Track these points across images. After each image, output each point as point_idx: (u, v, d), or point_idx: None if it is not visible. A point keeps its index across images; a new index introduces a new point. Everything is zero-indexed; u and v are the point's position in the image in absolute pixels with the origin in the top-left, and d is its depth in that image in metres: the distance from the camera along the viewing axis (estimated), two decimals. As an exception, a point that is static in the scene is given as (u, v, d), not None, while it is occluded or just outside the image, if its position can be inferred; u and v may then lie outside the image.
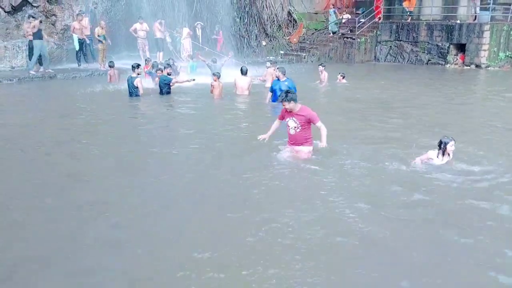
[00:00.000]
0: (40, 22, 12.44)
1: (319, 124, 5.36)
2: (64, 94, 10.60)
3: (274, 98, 8.36)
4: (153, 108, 9.11)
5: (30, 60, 12.52)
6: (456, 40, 17.54)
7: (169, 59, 12.86)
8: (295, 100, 5.32)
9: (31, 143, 6.32)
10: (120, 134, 6.97)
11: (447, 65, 17.70)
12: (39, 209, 4.11)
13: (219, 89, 9.71)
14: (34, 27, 12.06)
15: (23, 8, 13.71)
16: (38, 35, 12.18)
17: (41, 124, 7.43)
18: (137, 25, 14.89)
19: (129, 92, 9.78)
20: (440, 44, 18.01)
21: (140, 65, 10.22)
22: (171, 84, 10.08)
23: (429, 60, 18.38)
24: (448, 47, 17.82)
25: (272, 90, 8.61)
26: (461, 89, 12.20)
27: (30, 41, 12.30)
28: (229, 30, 18.00)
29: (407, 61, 18.96)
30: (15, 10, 13.56)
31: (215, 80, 9.72)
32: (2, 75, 12.13)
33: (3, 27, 13.29)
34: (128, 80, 9.84)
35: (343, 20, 19.43)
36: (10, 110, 8.77)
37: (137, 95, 9.72)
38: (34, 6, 13.83)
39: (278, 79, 8.55)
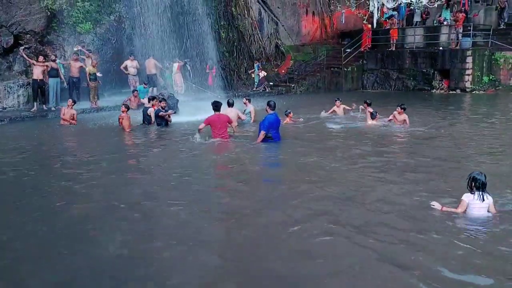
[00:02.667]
0: (54, 61, 13.34)
1: None
2: (52, 133, 10.61)
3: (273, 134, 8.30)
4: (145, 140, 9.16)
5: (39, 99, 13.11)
6: (440, 66, 18.06)
7: (169, 94, 13.07)
8: None
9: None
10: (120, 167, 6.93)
11: (433, 91, 18.13)
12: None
13: (128, 121, 9.97)
14: (48, 67, 12.95)
15: (14, 49, 13.89)
16: (52, 74, 13.14)
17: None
18: (127, 62, 15.13)
19: (143, 120, 10.82)
20: (425, 70, 18.52)
21: (155, 98, 11.07)
22: (161, 115, 10.37)
23: (415, 86, 18.83)
24: (433, 73, 18.32)
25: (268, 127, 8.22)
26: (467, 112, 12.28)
27: (35, 80, 12.79)
28: (218, 64, 18.34)
29: (394, 88, 19.39)
30: (6, 52, 13.72)
31: (123, 111, 9.92)
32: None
33: (-5, 68, 13.40)
34: (143, 110, 10.99)
35: (260, 77, 18.53)
36: None
37: (149, 123, 10.68)
38: (26, 48, 14.02)
39: (270, 114, 8.29)
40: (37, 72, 12.82)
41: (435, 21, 19.89)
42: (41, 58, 13.02)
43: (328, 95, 18.05)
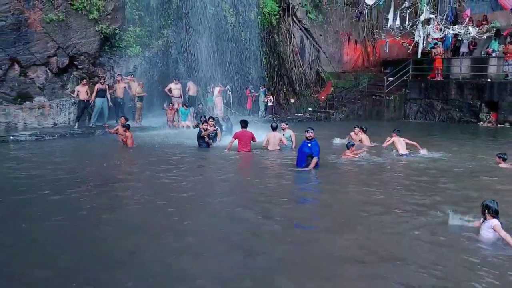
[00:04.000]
0: (102, 83, 14.19)
1: None
2: (100, 149, 11.07)
3: (296, 161, 8.40)
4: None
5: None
6: (487, 98, 17.46)
7: (225, 116, 13.48)
8: None
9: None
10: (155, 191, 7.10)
11: (480, 123, 17.48)
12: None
13: (131, 139, 10.83)
14: (97, 89, 13.89)
15: (69, 69, 14.74)
16: (100, 94, 14.01)
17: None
18: (172, 85, 15.67)
19: (198, 144, 10.84)
20: (471, 102, 17.94)
21: (207, 120, 11.15)
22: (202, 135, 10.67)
23: (460, 118, 18.24)
24: (480, 105, 17.71)
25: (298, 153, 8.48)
26: None
27: (81, 100, 13.78)
28: (260, 89, 18.61)
29: (438, 119, 18.86)
30: (61, 71, 14.57)
31: (125, 131, 10.79)
32: (45, 132, 12.81)
33: (50, 87, 14.23)
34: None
35: (268, 104, 18.01)
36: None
37: (207, 145, 10.75)
38: (79, 68, 14.84)
39: (305, 140, 8.41)
40: (83, 93, 13.80)
41: (482, 52, 19.36)
42: (84, 81, 14.02)
43: (369, 123, 17.80)
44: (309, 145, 8.24)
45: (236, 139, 10.05)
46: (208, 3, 16.96)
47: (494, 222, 4.58)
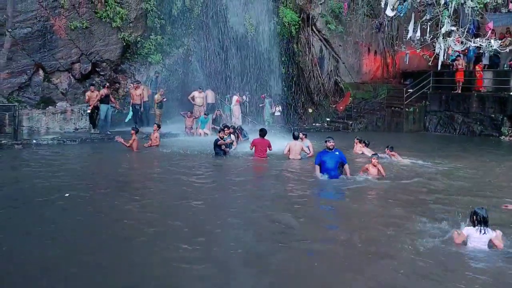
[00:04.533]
0: (106, 88, 14.00)
1: None
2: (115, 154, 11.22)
3: (324, 170, 8.21)
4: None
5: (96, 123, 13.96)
6: (510, 111, 17.09)
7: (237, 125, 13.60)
8: None
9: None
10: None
11: (502, 137, 17.11)
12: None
13: (137, 143, 11.21)
14: (102, 95, 13.65)
15: (91, 76, 15.04)
16: (104, 100, 13.74)
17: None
18: (195, 93, 15.84)
19: (215, 152, 10.74)
20: (493, 115, 17.59)
21: (224, 128, 11.30)
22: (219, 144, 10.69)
23: (481, 131, 17.88)
24: (502, 119, 17.35)
25: (321, 161, 8.29)
26: None
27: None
28: (276, 98, 18.63)
29: (459, 132, 18.54)
30: (84, 77, 14.88)
31: (132, 134, 11.15)
32: (66, 136, 13.06)
33: (72, 92, 14.54)
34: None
35: (275, 114, 17.85)
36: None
37: (224, 153, 10.71)
38: (101, 75, 15.13)
39: (326, 150, 8.37)
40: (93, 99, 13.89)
41: (505, 65, 19.02)
42: (92, 88, 13.92)
43: (388, 135, 17.65)
44: (337, 153, 8.25)
45: (254, 146, 10.59)
46: (228, 13, 17.15)
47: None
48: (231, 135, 11.72)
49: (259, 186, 8.24)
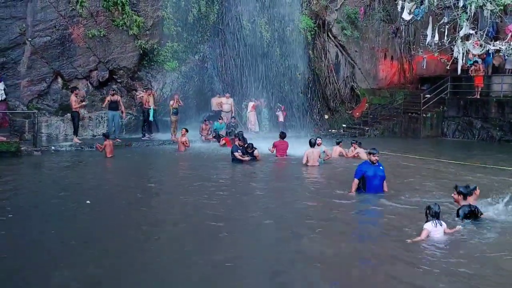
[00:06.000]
0: (113, 95, 13.83)
1: None
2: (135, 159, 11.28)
3: (371, 188, 7.21)
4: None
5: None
6: (531, 117, 16.70)
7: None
8: None
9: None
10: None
11: (523, 143, 16.70)
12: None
13: (110, 147, 11.21)
14: (109, 100, 13.70)
15: (108, 83, 15.22)
16: (111, 106, 13.73)
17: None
18: (223, 99, 15.91)
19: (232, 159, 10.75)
20: (513, 120, 17.20)
21: (238, 134, 11.45)
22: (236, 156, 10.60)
23: (501, 137, 17.49)
24: (522, 124, 16.95)
25: (365, 177, 7.21)
26: None
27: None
28: (292, 105, 18.56)
29: (478, 137, 18.18)
30: (101, 85, 15.06)
31: (105, 140, 11.26)
32: (84, 143, 13.19)
33: (90, 99, 14.71)
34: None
35: (280, 120, 17.50)
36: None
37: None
38: (118, 82, 15.30)
39: (369, 163, 7.32)
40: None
41: (526, 69, 18.60)
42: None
43: (405, 140, 17.42)
44: (381, 167, 7.33)
45: (275, 148, 11.63)
46: (244, 19, 17.21)
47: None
48: (256, 150, 11.02)
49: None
